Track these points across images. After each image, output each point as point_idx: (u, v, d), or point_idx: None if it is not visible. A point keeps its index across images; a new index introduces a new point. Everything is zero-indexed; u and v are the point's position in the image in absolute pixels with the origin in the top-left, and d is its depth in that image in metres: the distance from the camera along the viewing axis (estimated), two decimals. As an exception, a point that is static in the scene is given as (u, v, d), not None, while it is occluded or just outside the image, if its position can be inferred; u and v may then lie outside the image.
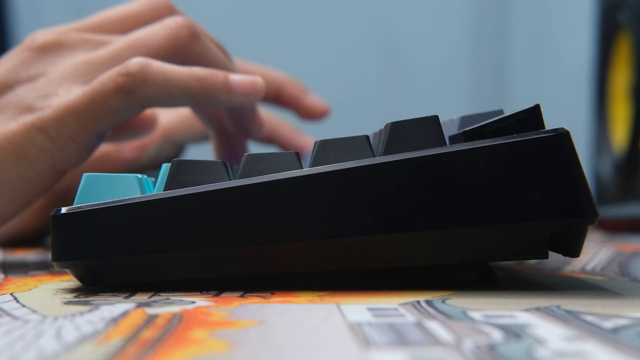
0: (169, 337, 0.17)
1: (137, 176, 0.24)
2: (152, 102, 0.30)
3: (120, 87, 0.29)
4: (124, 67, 0.29)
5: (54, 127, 0.30)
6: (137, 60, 0.30)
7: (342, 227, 0.22)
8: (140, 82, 0.29)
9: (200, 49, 0.33)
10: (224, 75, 0.31)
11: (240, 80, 0.31)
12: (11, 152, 0.30)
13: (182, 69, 0.30)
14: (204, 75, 0.31)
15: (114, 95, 0.29)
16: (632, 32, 0.52)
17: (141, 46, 0.32)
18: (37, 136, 0.30)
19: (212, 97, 0.31)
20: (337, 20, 0.99)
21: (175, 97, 0.30)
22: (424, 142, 0.23)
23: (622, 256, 0.35)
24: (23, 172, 0.30)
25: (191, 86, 0.30)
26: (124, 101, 0.29)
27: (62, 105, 0.30)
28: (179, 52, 0.32)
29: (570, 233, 0.22)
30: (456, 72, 0.99)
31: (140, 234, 0.23)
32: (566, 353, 0.15)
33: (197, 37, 0.32)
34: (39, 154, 0.30)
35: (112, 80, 0.29)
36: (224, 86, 0.31)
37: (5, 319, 0.19)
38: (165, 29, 0.32)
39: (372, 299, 0.22)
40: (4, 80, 0.32)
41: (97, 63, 0.31)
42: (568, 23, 0.91)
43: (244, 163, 0.24)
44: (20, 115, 0.30)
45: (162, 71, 0.30)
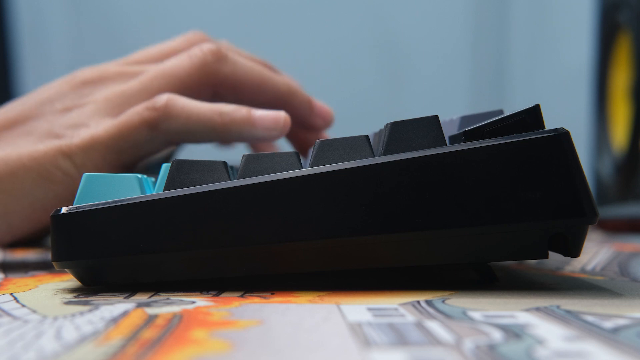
0: (169, 337, 0.17)
1: (137, 176, 0.24)
2: (175, 136, 0.31)
3: (146, 121, 0.30)
4: (152, 101, 0.31)
5: (80, 155, 0.31)
6: (165, 96, 0.31)
7: (342, 227, 0.22)
8: (165, 116, 0.30)
9: (229, 70, 0.33)
10: (247, 110, 0.32)
11: (263, 116, 0.32)
12: (35, 171, 0.31)
13: (205, 104, 0.31)
14: (227, 110, 0.31)
15: (138, 128, 0.30)
16: (632, 32, 0.52)
17: (169, 76, 0.33)
18: (62, 161, 0.31)
19: (234, 132, 0.31)
20: (337, 20, 0.99)
21: (197, 131, 0.31)
22: (424, 142, 0.23)
23: (622, 256, 0.35)
24: (43, 193, 0.31)
25: (213, 121, 0.31)
26: (148, 135, 0.31)
27: (90, 135, 0.31)
28: (208, 77, 0.33)
29: (570, 233, 0.22)
30: (456, 72, 0.99)
31: (140, 234, 0.23)
32: (566, 353, 0.15)
33: (224, 59, 0.33)
34: (63, 177, 0.31)
35: (138, 114, 0.31)
36: (246, 121, 0.31)
37: (5, 319, 0.19)
38: (191, 57, 0.33)
39: (372, 299, 0.22)
40: (39, 107, 0.33)
41: (128, 95, 0.32)
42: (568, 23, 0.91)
43: (244, 163, 0.24)
44: (48, 140, 0.31)
45: (186, 106, 0.31)
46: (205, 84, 0.33)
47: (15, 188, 0.31)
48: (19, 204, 0.31)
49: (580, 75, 0.79)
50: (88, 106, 0.32)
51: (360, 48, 0.99)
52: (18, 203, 0.31)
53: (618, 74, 0.57)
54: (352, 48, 0.99)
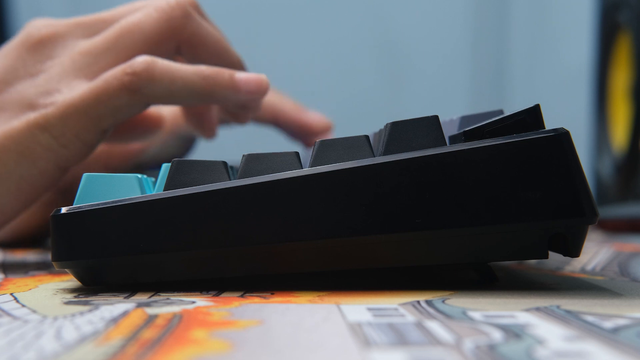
0: (169, 337, 0.17)
1: (137, 176, 0.24)
2: (157, 100, 0.30)
3: (126, 86, 0.29)
4: (130, 65, 0.29)
5: (59, 126, 0.30)
6: (143, 59, 0.30)
7: (342, 227, 0.22)
8: (146, 81, 0.29)
9: (194, 28, 0.32)
10: (230, 73, 0.31)
11: (246, 78, 0.31)
12: (15, 150, 0.30)
13: (187, 67, 0.30)
14: (210, 73, 0.31)
15: (118, 94, 0.29)
16: (632, 32, 0.52)
17: (136, 32, 0.31)
18: (41, 135, 0.30)
19: (218, 95, 0.31)
20: (337, 20, 0.99)
21: (181, 95, 0.30)
22: (424, 142, 0.23)
23: (622, 256, 0.35)
24: (27, 171, 0.30)
25: (197, 84, 0.30)
26: (129, 99, 0.30)
27: (66, 103, 0.30)
28: (174, 33, 0.32)
29: (570, 233, 0.22)
30: (456, 72, 0.99)
31: (140, 234, 0.23)
32: (566, 353, 0.15)
33: (190, 16, 0.32)
34: (43, 152, 0.30)
35: (117, 79, 0.29)
36: (230, 84, 0.31)
37: (5, 319, 0.19)
38: (157, 11, 0.32)
39: (372, 299, 0.22)
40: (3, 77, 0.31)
41: (94, 54, 0.31)
42: (568, 23, 0.91)
43: (244, 163, 0.24)
44: (22, 113, 0.30)
45: (168, 70, 0.30)
46: (170, 40, 0.32)
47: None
48: (5, 185, 0.30)
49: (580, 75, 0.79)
50: (54, 69, 0.31)
51: (360, 48, 0.99)
52: (3, 185, 0.30)
53: (618, 74, 0.57)
54: (352, 48, 0.99)
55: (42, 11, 0.99)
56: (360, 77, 0.98)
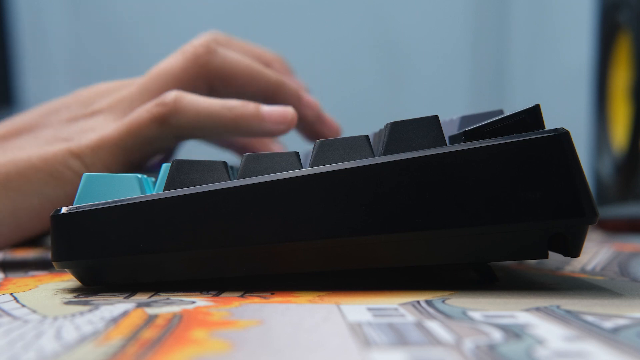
0: (169, 337, 0.17)
1: (137, 176, 0.24)
2: (184, 131, 0.32)
3: (155, 117, 0.31)
4: (160, 98, 0.31)
5: (90, 155, 0.31)
6: (172, 93, 0.31)
7: (342, 227, 0.22)
8: (173, 112, 0.31)
9: (220, 61, 0.34)
10: (255, 105, 0.32)
11: (271, 111, 0.32)
12: (46, 172, 0.31)
13: (214, 100, 0.32)
14: (235, 105, 0.32)
15: (148, 124, 0.31)
16: (632, 32, 0.52)
17: (165, 74, 0.33)
18: (72, 161, 0.31)
19: (243, 126, 0.32)
20: (337, 20, 0.99)
21: (206, 126, 0.31)
22: (424, 142, 0.23)
23: (622, 256, 0.35)
24: (54, 193, 0.31)
25: (222, 116, 0.31)
26: (158, 130, 0.31)
27: (100, 136, 0.31)
28: (201, 70, 0.34)
29: (570, 233, 0.22)
30: (456, 72, 0.99)
31: (140, 234, 0.23)
32: (566, 353, 0.15)
33: (214, 51, 0.34)
34: (73, 177, 0.31)
35: (147, 111, 0.31)
36: (255, 116, 0.32)
37: (5, 319, 0.19)
38: (183, 53, 0.34)
39: (372, 299, 0.22)
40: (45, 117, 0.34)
41: (129, 99, 0.33)
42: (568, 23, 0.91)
43: (244, 163, 0.24)
44: (57, 143, 0.32)
45: (194, 101, 0.31)
46: (199, 77, 0.34)
47: (25, 187, 0.31)
48: (28, 202, 0.31)
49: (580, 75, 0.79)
50: (94, 115, 0.33)
51: (360, 48, 0.99)
52: (27, 201, 0.31)
53: (618, 74, 0.57)
54: (352, 48, 0.99)
55: (42, 11, 0.99)
56: (360, 77, 0.98)
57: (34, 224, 0.32)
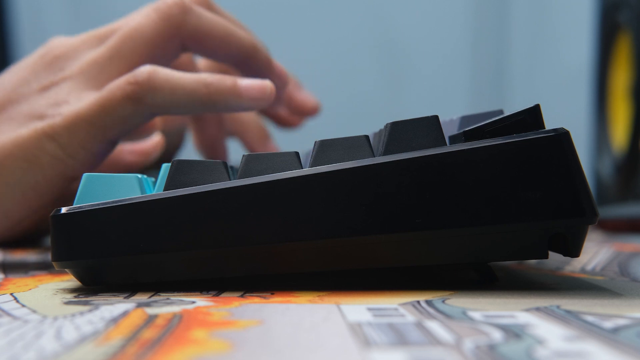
0: (169, 337, 0.17)
1: (137, 176, 0.24)
2: (160, 109, 0.30)
3: (129, 96, 0.30)
4: (132, 75, 0.30)
5: (65, 135, 0.30)
6: (145, 69, 0.30)
7: (342, 227, 0.22)
8: (148, 90, 0.29)
9: (195, 21, 0.32)
10: (232, 80, 0.31)
11: (249, 85, 0.31)
12: (22, 158, 0.30)
13: (189, 75, 0.30)
14: (212, 80, 0.30)
15: (122, 103, 0.30)
16: (632, 32, 0.52)
17: (136, 36, 0.32)
18: (48, 144, 0.30)
19: (220, 102, 0.31)
20: (337, 20, 0.99)
21: (182, 103, 0.30)
22: (424, 142, 0.23)
23: (622, 256, 0.35)
24: (33, 179, 0.31)
25: (198, 92, 0.30)
26: (133, 109, 0.30)
27: (73, 114, 0.30)
28: (175, 30, 0.32)
29: (570, 233, 0.22)
30: (456, 72, 0.99)
31: (140, 234, 0.23)
32: (566, 353, 0.15)
33: (189, 10, 0.32)
34: (50, 160, 0.30)
35: (120, 89, 0.30)
36: (232, 91, 0.31)
37: (5, 319, 0.19)
38: (155, 11, 0.32)
39: (372, 299, 0.22)
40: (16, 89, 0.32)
41: (100, 63, 0.32)
42: (568, 23, 0.91)
43: (244, 163, 0.24)
44: (31, 123, 0.31)
45: (169, 78, 0.30)
46: (173, 37, 0.32)
47: (4, 176, 0.31)
48: (11, 191, 0.31)
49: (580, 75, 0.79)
50: (65, 82, 0.32)
51: (360, 48, 0.99)
52: (9, 190, 0.31)
53: (618, 74, 0.57)
54: (352, 48, 0.99)
55: (42, 11, 0.99)
56: (360, 77, 0.98)
57: (20, 213, 0.31)
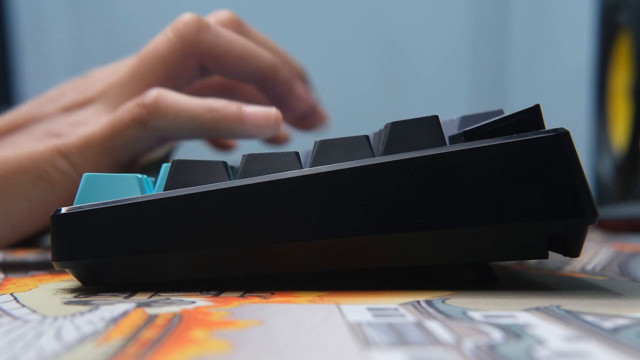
0: (169, 337, 0.17)
1: (137, 176, 0.24)
2: (164, 134, 0.30)
3: (136, 119, 0.30)
4: (141, 98, 0.30)
5: (77, 155, 0.30)
6: (153, 92, 0.30)
7: (342, 227, 0.22)
8: (153, 114, 0.30)
9: (211, 40, 0.32)
10: (237, 106, 0.30)
11: (253, 113, 0.30)
12: (34, 172, 0.31)
13: (195, 100, 0.30)
14: (216, 106, 0.30)
15: (130, 126, 0.30)
16: (632, 32, 0.52)
17: (153, 56, 0.32)
18: (60, 161, 0.30)
19: (223, 129, 0.30)
20: (337, 19, 0.99)
21: (186, 128, 0.30)
22: (424, 142, 0.23)
23: (622, 256, 0.35)
24: (43, 194, 0.31)
25: (202, 117, 0.30)
26: (139, 132, 0.30)
27: (86, 134, 0.30)
28: (191, 49, 0.32)
29: (570, 233, 0.22)
30: (456, 72, 0.99)
31: (140, 234, 0.23)
32: (566, 353, 0.15)
33: (205, 28, 0.32)
34: (62, 178, 0.31)
35: (129, 112, 0.30)
36: (236, 118, 0.30)
37: (5, 319, 0.19)
38: (172, 30, 0.32)
39: (372, 299, 0.22)
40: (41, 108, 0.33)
41: (120, 85, 0.32)
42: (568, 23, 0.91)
43: (244, 163, 0.24)
44: (47, 139, 0.31)
45: (174, 103, 0.30)
46: (189, 57, 0.32)
47: (15, 189, 0.31)
48: (20, 204, 0.31)
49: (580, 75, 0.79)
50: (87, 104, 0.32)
51: (360, 48, 0.99)
52: (19, 203, 0.31)
53: (618, 74, 0.57)
54: (352, 48, 0.99)
55: (42, 11, 0.99)
56: (360, 77, 0.98)
57: (27, 226, 0.32)
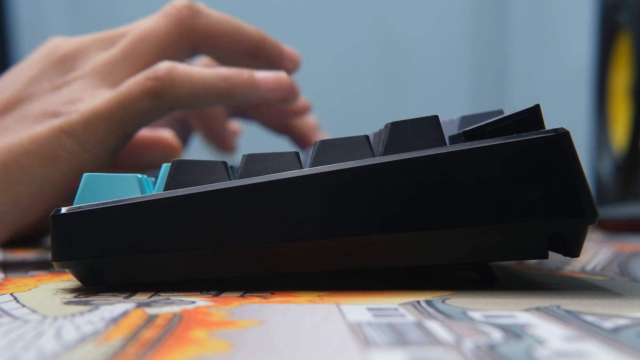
0: (169, 337, 0.17)
1: (137, 176, 0.24)
2: (180, 103, 0.31)
3: (149, 91, 0.30)
4: (153, 71, 0.30)
5: (82, 131, 0.30)
6: (165, 65, 0.30)
7: (342, 227, 0.22)
8: (169, 85, 0.30)
9: (205, 22, 0.33)
10: (249, 73, 0.32)
11: (266, 78, 0.32)
12: (39, 155, 0.31)
13: (207, 70, 0.31)
14: (229, 74, 0.31)
15: (142, 98, 0.30)
16: (632, 32, 0.52)
17: (149, 38, 0.32)
18: (65, 140, 0.30)
19: (239, 95, 0.32)
20: (337, 19, 0.99)
21: (203, 97, 0.31)
22: (424, 142, 0.23)
23: (622, 256, 0.35)
24: (51, 175, 0.31)
25: (218, 86, 0.31)
26: (152, 104, 0.30)
27: (90, 110, 0.30)
28: (186, 32, 0.33)
29: (570, 233, 0.22)
30: (456, 72, 0.99)
31: (140, 234, 0.23)
32: (566, 353, 0.15)
33: (198, 12, 0.33)
34: (67, 157, 0.31)
35: (140, 85, 0.30)
36: (250, 84, 0.32)
37: (5, 319, 0.19)
38: (166, 15, 0.33)
39: (372, 299, 0.22)
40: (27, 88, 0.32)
41: (114, 63, 0.32)
42: (568, 23, 0.91)
43: (244, 163, 0.24)
44: (47, 120, 0.31)
45: (189, 73, 0.31)
46: (184, 40, 0.33)
47: (23, 174, 0.31)
48: (28, 188, 0.31)
49: (580, 75, 0.79)
50: (77, 81, 0.32)
51: (360, 48, 0.99)
52: (27, 188, 0.31)
53: (618, 74, 0.57)
54: (352, 48, 0.99)
55: (42, 11, 0.99)
56: (360, 77, 0.98)
57: (36, 209, 0.32)
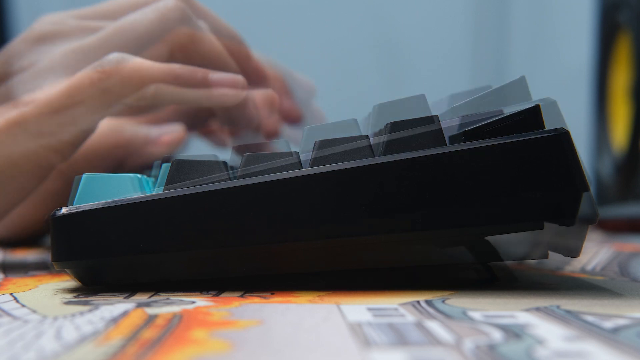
0: (169, 337, 0.17)
1: (137, 176, 0.24)
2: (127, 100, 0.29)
3: (95, 84, 0.28)
4: (100, 63, 0.28)
5: (35, 124, 0.29)
6: (114, 56, 0.28)
7: (342, 227, 0.22)
8: (115, 80, 0.28)
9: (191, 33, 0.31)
10: (203, 72, 0.30)
11: (220, 78, 0.30)
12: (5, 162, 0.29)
13: (160, 65, 0.29)
14: (182, 72, 0.29)
15: (87, 91, 0.28)
16: (632, 32, 0.52)
17: (128, 31, 0.30)
18: (19, 134, 0.29)
19: (190, 96, 0.29)
20: (337, 19, 0.99)
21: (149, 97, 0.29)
22: (424, 142, 0.23)
23: (622, 256, 0.35)
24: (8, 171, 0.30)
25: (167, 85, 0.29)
26: (100, 99, 0.28)
27: (42, 102, 0.29)
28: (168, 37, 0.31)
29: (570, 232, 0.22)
30: (456, 72, 0.99)
31: (140, 233, 0.23)
32: (566, 353, 0.15)
33: (187, 19, 0.31)
34: (23, 152, 0.29)
35: (87, 76, 0.28)
36: (203, 84, 0.29)
37: (5, 319, 0.19)
38: (154, 11, 0.31)
39: (372, 299, 0.22)
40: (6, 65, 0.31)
41: (84, 51, 0.30)
42: (568, 23, 0.91)
43: (243, 163, 0.24)
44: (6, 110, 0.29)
45: (138, 68, 0.28)
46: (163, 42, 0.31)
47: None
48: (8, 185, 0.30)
49: (580, 75, 0.79)
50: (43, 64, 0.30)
51: (360, 48, 0.99)
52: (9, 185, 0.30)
53: (618, 74, 0.57)
54: (352, 47, 0.99)
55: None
56: (360, 77, 0.98)
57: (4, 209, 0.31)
